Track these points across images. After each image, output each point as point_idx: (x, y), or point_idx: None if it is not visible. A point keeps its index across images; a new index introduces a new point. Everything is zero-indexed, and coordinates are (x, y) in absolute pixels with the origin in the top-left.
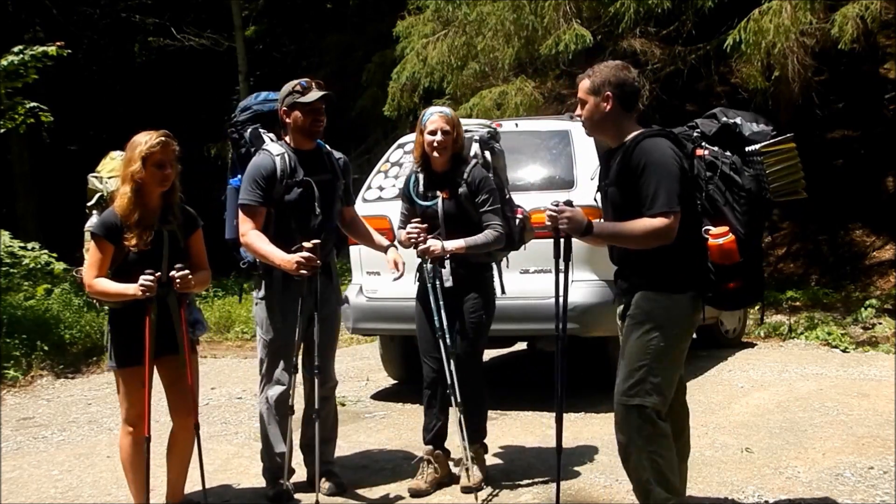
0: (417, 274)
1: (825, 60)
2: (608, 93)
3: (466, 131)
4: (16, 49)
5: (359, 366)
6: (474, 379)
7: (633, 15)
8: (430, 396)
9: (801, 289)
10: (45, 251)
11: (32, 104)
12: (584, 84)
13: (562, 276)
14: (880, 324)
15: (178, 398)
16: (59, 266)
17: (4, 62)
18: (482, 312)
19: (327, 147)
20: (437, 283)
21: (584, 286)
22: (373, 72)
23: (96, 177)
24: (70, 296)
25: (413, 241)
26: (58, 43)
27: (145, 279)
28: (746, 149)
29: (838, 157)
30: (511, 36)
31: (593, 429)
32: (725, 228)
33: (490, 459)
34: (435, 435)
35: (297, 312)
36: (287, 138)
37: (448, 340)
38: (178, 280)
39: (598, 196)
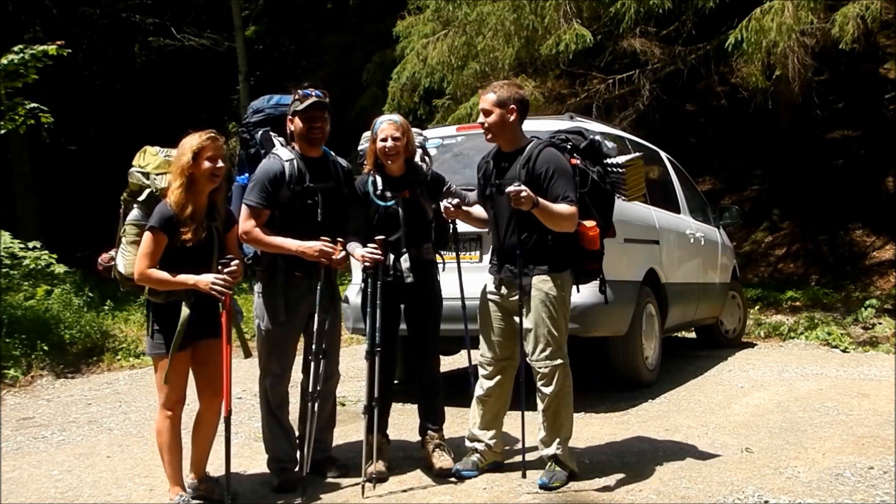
0: (365, 277)
1: (825, 60)
2: (513, 106)
3: None
4: (16, 48)
5: (359, 366)
6: (434, 370)
7: (633, 15)
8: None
9: (801, 289)
10: (46, 252)
11: (32, 104)
12: (490, 97)
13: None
14: (880, 324)
15: (207, 381)
16: (60, 267)
17: (4, 61)
18: (438, 306)
19: (333, 154)
20: (392, 279)
21: (584, 286)
22: (373, 72)
23: (142, 173)
24: (70, 296)
25: (375, 262)
26: (58, 42)
27: (218, 280)
28: (606, 161)
29: (838, 157)
30: (511, 36)
31: (593, 429)
32: (594, 223)
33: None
34: (383, 424)
35: (297, 307)
36: (294, 145)
37: (378, 339)
38: (233, 272)
39: (487, 192)
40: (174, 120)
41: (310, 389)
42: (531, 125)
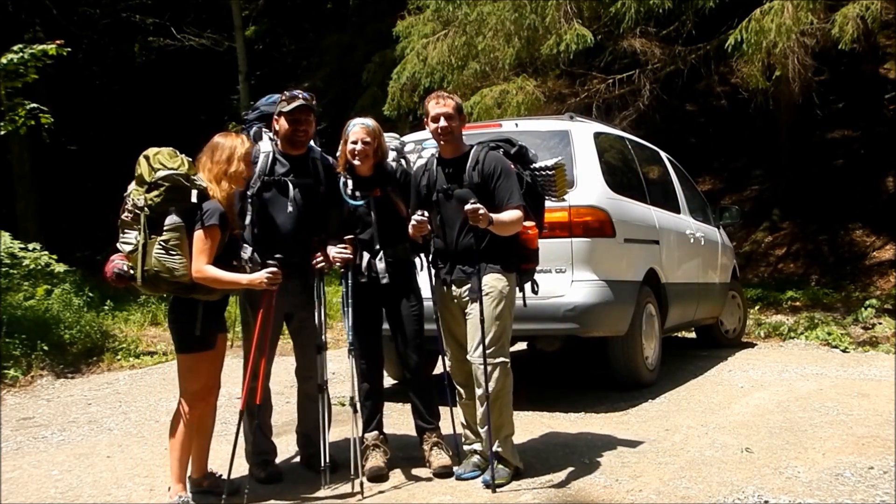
0: (343, 278)
1: (825, 60)
2: (464, 114)
3: None
4: (15, 48)
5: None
6: (423, 371)
7: (633, 15)
8: (367, 390)
9: (801, 289)
10: (45, 252)
11: (32, 105)
12: (451, 103)
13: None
14: (880, 324)
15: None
16: (60, 267)
17: (4, 61)
18: (419, 305)
19: (318, 152)
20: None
21: (584, 286)
22: (373, 72)
23: (180, 175)
24: (70, 296)
25: (346, 261)
26: (57, 42)
27: (271, 271)
28: (533, 166)
29: (838, 157)
30: (511, 36)
31: (593, 429)
32: (532, 223)
33: None
34: (378, 422)
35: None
36: (278, 141)
37: (352, 337)
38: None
39: (434, 198)
40: (174, 120)
41: (322, 380)
42: (531, 125)
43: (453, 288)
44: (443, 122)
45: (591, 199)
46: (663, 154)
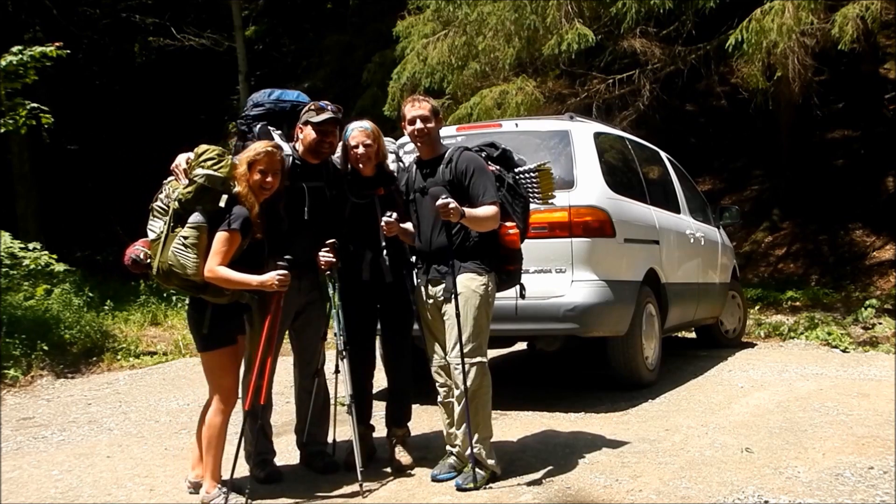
0: (333, 277)
1: (825, 60)
2: (440, 116)
3: None
4: (15, 49)
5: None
6: (405, 376)
7: (634, 15)
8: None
9: (801, 289)
10: (46, 252)
11: (33, 105)
12: (427, 106)
13: None
14: (880, 324)
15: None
16: (60, 267)
17: (3, 62)
18: (411, 305)
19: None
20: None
21: (584, 286)
22: (373, 72)
23: (216, 178)
24: (70, 296)
25: (329, 265)
26: (56, 44)
27: (281, 273)
28: (517, 169)
29: (838, 157)
30: (512, 36)
31: (593, 429)
32: (513, 223)
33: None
34: (366, 422)
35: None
36: (298, 146)
37: (345, 336)
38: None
39: (411, 197)
40: (174, 120)
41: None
42: (531, 125)
43: (430, 287)
44: (419, 125)
45: (591, 199)
46: (663, 154)
